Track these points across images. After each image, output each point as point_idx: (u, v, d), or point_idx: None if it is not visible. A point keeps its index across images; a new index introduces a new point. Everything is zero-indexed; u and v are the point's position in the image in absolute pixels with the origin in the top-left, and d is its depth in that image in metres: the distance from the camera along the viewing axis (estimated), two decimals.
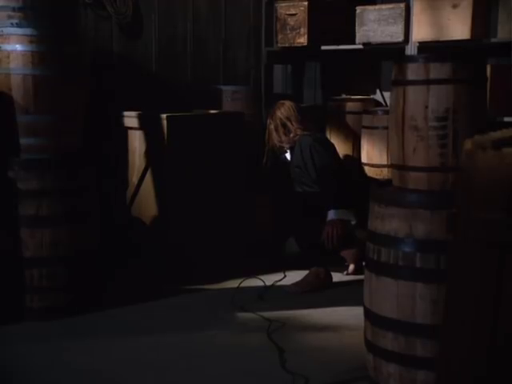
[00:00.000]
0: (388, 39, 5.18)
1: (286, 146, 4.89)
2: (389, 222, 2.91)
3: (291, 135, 4.83)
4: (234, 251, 4.99)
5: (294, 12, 5.66)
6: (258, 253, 5.07)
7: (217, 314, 4.10)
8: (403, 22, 5.06)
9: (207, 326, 3.92)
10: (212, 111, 5.34)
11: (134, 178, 4.98)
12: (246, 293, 4.44)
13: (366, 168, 5.40)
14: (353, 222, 4.69)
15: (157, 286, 4.58)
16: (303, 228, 4.75)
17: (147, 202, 4.91)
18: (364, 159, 5.40)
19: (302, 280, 4.59)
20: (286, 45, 5.79)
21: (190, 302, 4.34)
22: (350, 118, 5.68)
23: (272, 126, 4.90)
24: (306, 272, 4.62)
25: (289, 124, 4.83)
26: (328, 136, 5.58)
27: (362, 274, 3.59)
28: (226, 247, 4.99)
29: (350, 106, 5.71)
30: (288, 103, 4.93)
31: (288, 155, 4.93)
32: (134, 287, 4.57)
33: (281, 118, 4.85)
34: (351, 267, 4.86)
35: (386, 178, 4.97)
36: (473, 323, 1.66)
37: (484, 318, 1.62)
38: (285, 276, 4.80)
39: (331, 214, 4.60)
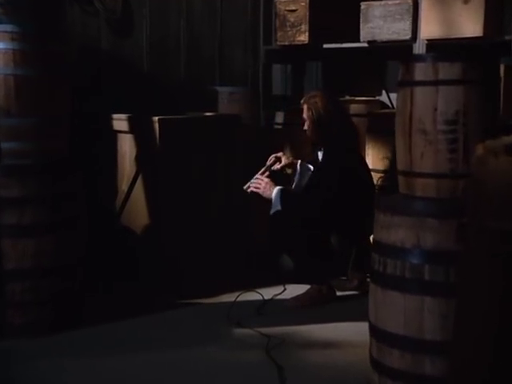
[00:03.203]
0: (395, 37, 5.18)
1: (320, 146, 4.70)
2: (395, 231, 2.91)
3: (328, 136, 4.60)
4: (230, 262, 4.98)
5: (294, 8, 5.67)
6: (256, 264, 5.06)
7: (212, 330, 4.09)
8: (411, 19, 5.07)
9: (202, 342, 3.91)
10: (207, 113, 5.35)
11: (124, 185, 4.98)
12: (244, 307, 4.43)
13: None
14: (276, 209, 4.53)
15: (150, 299, 4.57)
16: (299, 243, 4.64)
17: (138, 211, 4.91)
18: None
19: (302, 294, 4.58)
20: (286, 43, 5.80)
21: (184, 316, 4.34)
22: (354, 121, 5.67)
23: (315, 119, 4.59)
24: (307, 286, 4.61)
25: (328, 121, 4.56)
26: None
27: (366, 288, 3.59)
28: (223, 258, 4.98)
29: (354, 107, 5.71)
30: (328, 95, 4.66)
31: (320, 154, 4.73)
32: (125, 300, 4.56)
33: (322, 114, 4.57)
34: (355, 282, 4.84)
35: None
36: (484, 338, 1.66)
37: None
38: (285, 289, 4.79)
39: (276, 190, 4.49)
